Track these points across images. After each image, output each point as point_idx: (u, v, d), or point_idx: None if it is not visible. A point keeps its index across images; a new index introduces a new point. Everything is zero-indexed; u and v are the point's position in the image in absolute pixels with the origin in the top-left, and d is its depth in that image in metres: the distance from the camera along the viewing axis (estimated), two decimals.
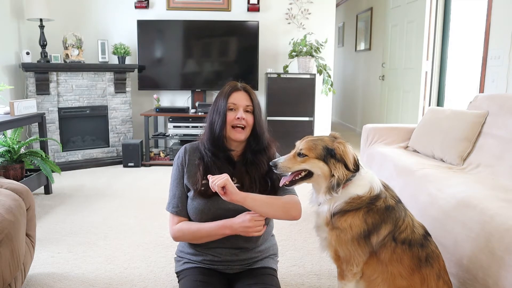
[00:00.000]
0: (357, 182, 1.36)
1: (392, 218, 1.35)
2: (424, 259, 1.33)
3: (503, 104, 2.26)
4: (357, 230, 1.33)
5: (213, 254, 1.49)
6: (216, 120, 1.46)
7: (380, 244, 1.34)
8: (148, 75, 4.47)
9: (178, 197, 1.49)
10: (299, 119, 4.31)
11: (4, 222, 1.46)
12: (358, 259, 1.35)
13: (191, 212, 1.47)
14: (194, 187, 1.45)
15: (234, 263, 1.50)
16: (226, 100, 1.46)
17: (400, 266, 1.33)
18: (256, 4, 4.56)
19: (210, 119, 1.49)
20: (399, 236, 1.33)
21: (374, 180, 1.39)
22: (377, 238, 1.33)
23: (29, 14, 3.75)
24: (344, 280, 1.40)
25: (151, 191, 3.38)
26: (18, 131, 3.09)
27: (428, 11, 4.07)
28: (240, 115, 1.44)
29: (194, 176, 1.47)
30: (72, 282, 1.91)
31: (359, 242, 1.34)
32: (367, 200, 1.35)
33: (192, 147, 1.54)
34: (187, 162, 1.51)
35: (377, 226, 1.33)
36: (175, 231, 1.46)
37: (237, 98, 1.46)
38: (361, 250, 1.34)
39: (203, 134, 1.53)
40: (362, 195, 1.35)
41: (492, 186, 1.83)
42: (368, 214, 1.34)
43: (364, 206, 1.34)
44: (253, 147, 1.49)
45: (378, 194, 1.36)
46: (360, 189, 1.36)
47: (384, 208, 1.35)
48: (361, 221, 1.33)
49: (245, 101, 1.47)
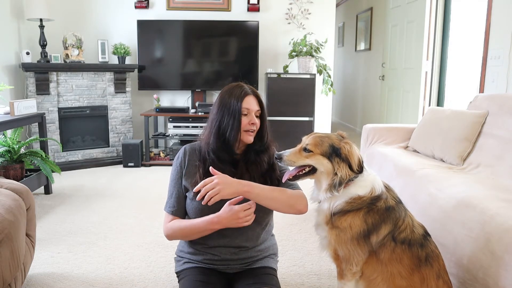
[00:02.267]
0: (359, 183, 1.36)
1: (392, 218, 1.35)
2: (424, 258, 1.33)
3: (503, 104, 2.26)
4: (357, 230, 1.34)
5: (212, 253, 1.49)
6: (230, 124, 1.44)
7: (380, 244, 1.34)
8: (148, 75, 4.47)
9: (175, 197, 1.50)
10: (299, 119, 4.31)
11: (4, 222, 1.46)
12: (357, 259, 1.36)
13: (191, 212, 1.48)
14: (193, 187, 1.45)
15: (233, 262, 1.50)
16: (240, 104, 1.44)
17: (399, 266, 1.33)
18: (256, 4, 4.56)
19: (219, 121, 1.46)
20: (399, 236, 1.34)
21: (376, 181, 1.39)
22: (376, 237, 1.34)
23: (29, 14, 3.75)
24: (343, 280, 1.40)
25: (151, 191, 3.38)
26: (18, 131, 3.09)
27: (428, 11, 4.07)
28: (254, 121, 1.45)
29: (193, 176, 1.48)
30: (72, 282, 1.91)
31: (359, 241, 1.34)
32: (368, 201, 1.35)
33: (192, 148, 1.54)
34: (187, 163, 1.51)
35: (377, 226, 1.34)
36: (167, 229, 1.48)
37: (249, 103, 1.46)
38: (360, 250, 1.34)
39: (205, 134, 1.51)
40: (363, 195, 1.35)
41: (492, 186, 1.83)
42: (368, 214, 1.34)
43: (364, 207, 1.34)
44: (257, 147, 1.50)
45: (379, 195, 1.36)
46: (362, 189, 1.36)
47: (385, 209, 1.35)
48: (361, 221, 1.34)
49: (255, 106, 1.47)
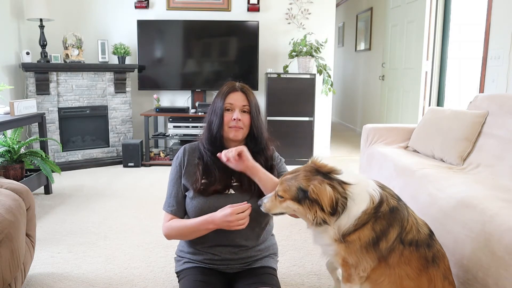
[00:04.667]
0: (356, 198, 1.29)
1: (398, 220, 1.33)
2: (431, 259, 1.33)
3: (503, 104, 2.26)
4: (366, 239, 1.30)
5: (212, 253, 1.49)
6: (214, 121, 1.47)
7: (389, 249, 1.31)
8: (148, 75, 4.47)
9: (174, 197, 1.50)
10: (299, 119, 4.31)
11: (4, 222, 1.46)
12: (365, 266, 1.33)
13: (191, 211, 1.47)
14: (193, 186, 1.46)
15: (234, 262, 1.50)
16: (223, 100, 1.47)
17: (407, 268, 1.32)
18: (256, 4, 4.56)
19: (208, 119, 1.51)
20: (406, 238, 1.32)
21: (370, 187, 1.33)
22: (386, 243, 1.31)
23: (29, 14, 3.75)
24: (350, 283, 1.37)
25: (151, 191, 3.38)
26: (18, 131, 3.09)
27: (428, 11, 4.07)
28: (236, 116, 1.44)
29: (193, 175, 1.48)
30: (72, 282, 1.91)
31: (368, 249, 1.31)
32: (372, 212, 1.30)
33: (192, 147, 1.55)
34: (186, 163, 1.51)
35: (385, 232, 1.31)
36: (166, 229, 1.48)
37: (234, 98, 1.47)
38: (369, 258, 1.32)
39: (202, 134, 1.54)
40: (366, 209, 1.29)
41: (492, 186, 1.83)
42: (376, 223, 1.30)
43: (371, 218, 1.30)
44: (251, 148, 1.48)
45: (380, 201, 1.32)
46: (363, 204, 1.29)
47: (389, 211, 1.32)
48: (369, 231, 1.30)
49: (241, 101, 1.47)
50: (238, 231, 1.42)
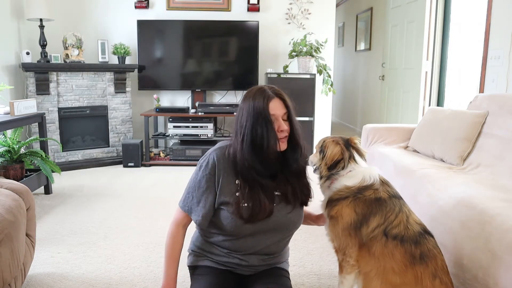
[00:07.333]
0: (349, 175, 1.43)
1: (382, 211, 1.37)
2: (418, 256, 1.33)
3: (503, 104, 2.26)
4: (348, 220, 1.38)
5: (241, 258, 1.43)
6: (265, 136, 1.30)
7: (370, 236, 1.36)
8: (148, 75, 4.47)
9: (203, 207, 1.37)
10: (299, 119, 4.26)
11: (4, 222, 1.46)
12: (349, 250, 1.39)
13: (225, 221, 1.37)
14: (235, 211, 1.34)
15: (259, 268, 1.47)
16: (267, 111, 1.31)
17: (392, 261, 1.33)
18: (256, 4, 4.56)
19: (252, 133, 1.31)
20: (391, 231, 1.35)
21: (370, 173, 1.43)
22: (366, 229, 1.37)
23: (29, 14, 3.75)
24: (343, 273, 1.43)
25: (151, 191, 3.38)
26: (18, 131, 3.09)
27: (428, 11, 4.07)
28: (283, 127, 1.33)
29: (233, 195, 1.36)
30: (72, 282, 1.91)
31: (350, 232, 1.38)
32: (355, 190, 1.40)
33: (223, 154, 1.38)
34: (222, 174, 1.36)
35: (366, 217, 1.37)
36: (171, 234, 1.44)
37: (274, 108, 1.33)
38: (350, 241, 1.38)
39: (235, 143, 1.36)
40: (351, 185, 1.41)
41: (492, 186, 1.83)
42: (355, 202, 1.39)
43: (351, 195, 1.40)
44: (296, 156, 1.40)
45: (368, 185, 1.40)
46: (351, 180, 1.42)
47: (374, 199, 1.38)
48: (350, 210, 1.38)
49: (281, 109, 1.35)
50: (272, 240, 1.42)
